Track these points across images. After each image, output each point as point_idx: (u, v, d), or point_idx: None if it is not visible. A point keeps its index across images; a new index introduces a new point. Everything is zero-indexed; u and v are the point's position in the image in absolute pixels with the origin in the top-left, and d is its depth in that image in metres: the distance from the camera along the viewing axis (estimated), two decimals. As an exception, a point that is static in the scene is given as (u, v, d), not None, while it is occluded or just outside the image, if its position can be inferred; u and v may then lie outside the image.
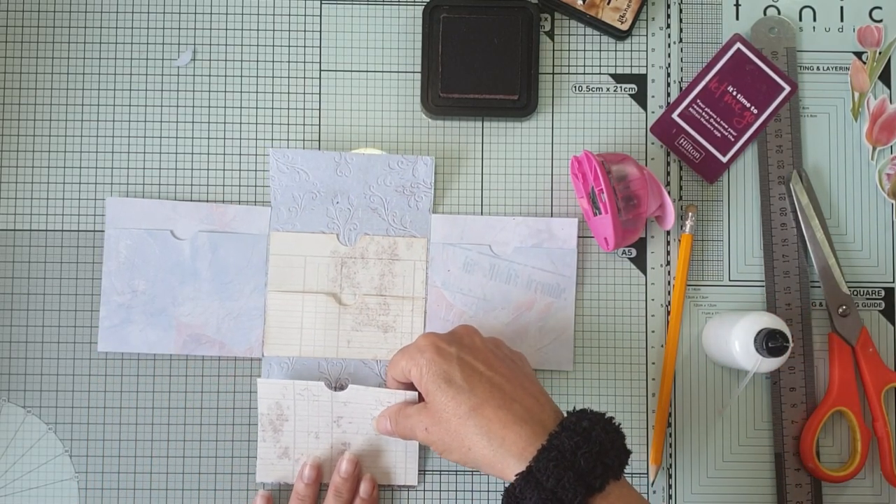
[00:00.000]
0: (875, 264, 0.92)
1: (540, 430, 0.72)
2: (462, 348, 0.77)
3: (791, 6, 0.94)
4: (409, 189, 0.91)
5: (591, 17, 0.91)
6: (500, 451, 0.71)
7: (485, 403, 0.73)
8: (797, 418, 0.89)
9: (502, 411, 0.73)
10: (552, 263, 0.90)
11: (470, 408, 0.73)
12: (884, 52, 0.93)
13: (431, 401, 0.76)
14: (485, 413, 0.73)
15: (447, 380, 0.75)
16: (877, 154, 0.92)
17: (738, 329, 0.83)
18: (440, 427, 0.75)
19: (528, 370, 0.81)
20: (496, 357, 0.78)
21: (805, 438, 0.88)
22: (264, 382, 0.87)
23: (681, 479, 0.90)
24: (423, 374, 0.76)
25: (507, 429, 0.72)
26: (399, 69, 0.93)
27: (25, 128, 0.91)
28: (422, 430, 0.77)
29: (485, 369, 0.76)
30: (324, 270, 0.90)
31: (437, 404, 0.75)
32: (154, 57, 0.92)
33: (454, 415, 0.74)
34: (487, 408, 0.73)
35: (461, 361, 0.76)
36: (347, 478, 0.86)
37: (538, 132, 0.92)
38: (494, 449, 0.71)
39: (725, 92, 0.91)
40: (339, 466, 0.86)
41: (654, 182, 0.86)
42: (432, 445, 0.76)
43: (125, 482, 0.89)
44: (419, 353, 0.77)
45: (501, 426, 0.72)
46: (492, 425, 0.72)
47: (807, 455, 0.88)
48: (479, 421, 0.72)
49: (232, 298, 0.89)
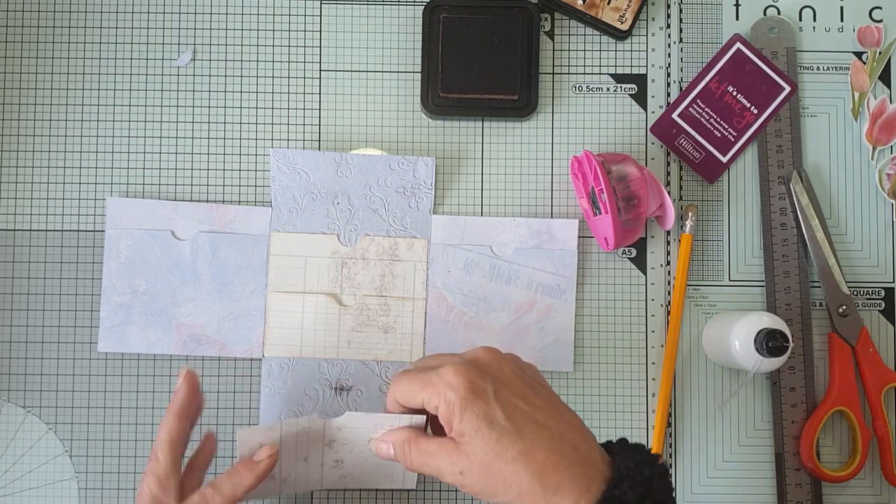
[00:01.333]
0: (875, 264, 0.92)
1: (594, 474, 0.67)
2: (497, 382, 0.69)
3: (791, 6, 0.94)
4: (410, 190, 0.91)
5: (591, 17, 0.91)
6: (553, 499, 0.65)
7: (535, 447, 0.66)
8: (797, 418, 0.89)
9: (555, 456, 0.66)
10: (552, 264, 0.90)
11: (519, 452, 0.66)
12: (884, 52, 0.93)
13: (469, 444, 0.67)
14: (536, 457, 0.66)
15: (489, 422, 0.66)
16: (877, 154, 0.92)
17: (738, 329, 0.83)
18: (481, 471, 0.66)
19: (553, 392, 0.73)
20: (529, 387, 0.70)
21: (805, 438, 0.88)
22: (245, 431, 0.77)
23: (681, 480, 0.90)
24: (454, 412, 0.67)
25: (561, 475, 0.66)
26: (399, 69, 0.93)
27: (25, 128, 0.91)
28: (454, 474, 0.68)
29: (524, 405, 0.68)
30: (324, 271, 0.90)
31: (477, 448, 0.66)
32: (154, 57, 0.92)
33: (499, 459, 0.66)
34: (539, 451, 0.66)
35: (499, 399, 0.68)
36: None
37: (538, 132, 0.92)
38: (548, 497, 0.65)
39: (725, 92, 0.91)
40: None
41: (655, 182, 0.86)
42: (465, 489, 0.68)
43: (125, 482, 0.89)
44: (449, 389, 0.67)
45: (555, 472, 0.66)
46: (546, 471, 0.66)
47: (807, 455, 0.88)
48: (530, 467, 0.66)
49: (232, 299, 0.89)
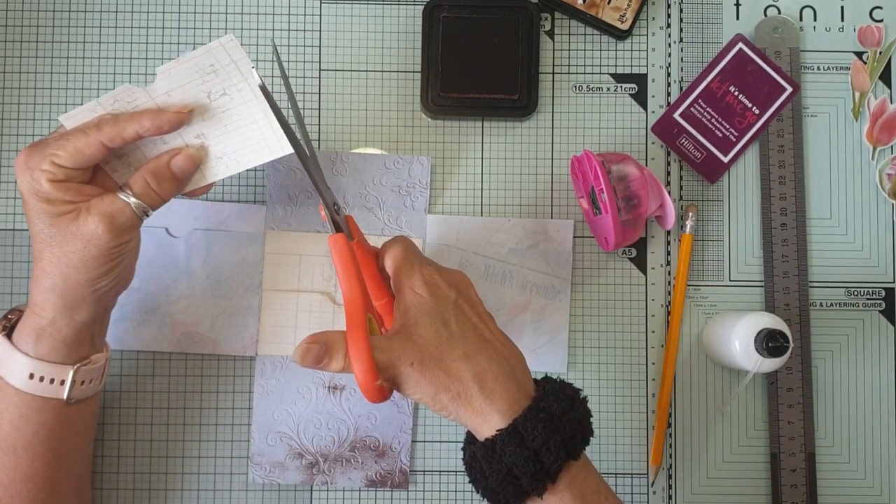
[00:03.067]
0: (875, 264, 0.92)
1: (525, 391, 0.71)
2: (461, 296, 0.74)
3: (791, 6, 0.93)
4: (406, 189, 0.90)
5: (592, 16, 0.91)
6: (486, 403, 0.69)
7: (478, 353, 0.71)
8: (794, 419, 0.89)
9: (495, 366, 0.71)
10: (547, 265, 0.90)
11: (465, 353, 0.71)
12: (884, 52, 0.92)
13: (422, 335, 0.71)
14: (479, 361, 0.70)
15: (444, 322, 0.72)
16: (877, 154, 0.92)
17: (738, 329, 0.83)
18: (430, 363, 0.70)
19: (505, 335, 0.77)
20: (488, 316, 0.76)
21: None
22: (68, 118, 0.74)
23: (681, 480, 0.90)
24: (413, 296, 0.73)
25: (498, 383, 0.70)
26: (399, 69, 0.93)
27: (25, 127, 0.91)
28: (405, 364, 0.70)
29: (478, 322, 0.74)
30: (318, 270, 0.90)
31: (428, 340, 0.71)
32: (154, 57, 0.92)
33: (447, 357, 0.70)
34: (481, 357, 0.71)
35: (457, 308, 0.73)
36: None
37: (538, 132, 0.92)
38: (483, 399, 0.69)
39: (727, 92, 0.91)
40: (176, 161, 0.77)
41: (655, 182, 0.86)
42: (414, 386, 0.71)
43: (125, 482, 0.89)
44: (419, 278, 0.74)
45: (493, 379, 0.70)
46: (485, 376, 0.70)
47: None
48: (472, 368, 0.70)
49: (226, 297, 0.89)
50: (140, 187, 0.74)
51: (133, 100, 0.74)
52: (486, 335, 0.73)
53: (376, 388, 0.69)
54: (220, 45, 0.72)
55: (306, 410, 0.89)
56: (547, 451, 0.67)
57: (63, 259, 0.72)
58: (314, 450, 0.89)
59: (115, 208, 0.73)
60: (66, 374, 0.76)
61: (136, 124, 0.72)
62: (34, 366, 0.75)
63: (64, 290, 0.73)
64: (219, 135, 0.77)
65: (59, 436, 0.78)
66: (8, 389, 0.75)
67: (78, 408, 0.78)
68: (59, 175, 0.71)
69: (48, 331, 0.74)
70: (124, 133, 0.72)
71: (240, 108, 0.76)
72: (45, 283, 0.73)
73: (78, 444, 0.80)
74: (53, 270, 0.73)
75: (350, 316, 0.70)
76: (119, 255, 0.74)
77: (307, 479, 0.89)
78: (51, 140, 0.73)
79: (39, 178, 0.71)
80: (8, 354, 0.75)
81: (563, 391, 0.71)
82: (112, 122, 0.72)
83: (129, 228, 0.74)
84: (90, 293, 0.74)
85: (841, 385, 0.91)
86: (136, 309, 0.89)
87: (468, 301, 0.75)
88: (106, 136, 0.72)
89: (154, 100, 0.74)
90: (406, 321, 0.72)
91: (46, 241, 0.73)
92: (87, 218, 0.72)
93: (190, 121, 0.76)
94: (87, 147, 0.71)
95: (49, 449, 0.77)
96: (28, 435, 0.76)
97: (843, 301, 0.92)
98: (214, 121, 0.76)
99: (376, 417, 0.90)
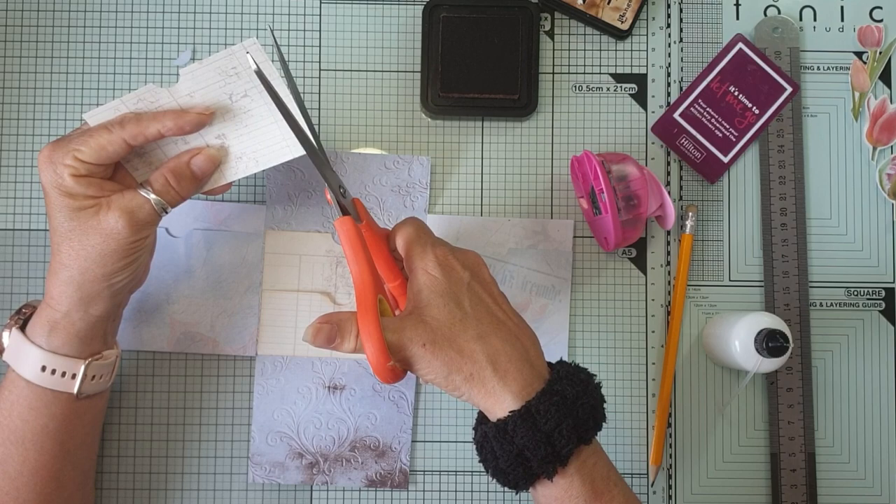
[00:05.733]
0: (875, 264, 0.92)
1: (539, 374, 0.71)
2: (475, 277, 0.74)
3: (791, 6, 0.93)
4: (405, 189, 0.90)
5: (592, 16, 0.91)
6: (499, 384, 0.69)
7: (492, 334, 0.71)
8: (794, 419, 0.89)
9: (509, 347, 0.71)
10: (547, 265, 0.90)
11: (478, 334, 0.71)
12: (884, 52, 0.92)
13: (435, 316, 0.71)
14: (492, 342, 0.71)
15: (456, 302, 0.72)
16: (877, 154, 0.92)
17: (738, 329, 0.83)
18: (444, 343, 0.70)
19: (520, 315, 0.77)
20: (501, 297, 0.76)
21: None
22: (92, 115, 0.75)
23: (681, 480, 0.90)
24: (426, 277, 0.73)
25: (512, 364, 0.70)
26: (399, 69, 0.93)
27: (25, 127, 0.91)
28: (418, 345, 0.70)
29: (491, 303, 0.74)
30: (318, 269, 0.90)
31: (441, 321, 0.71)
32: (154, 57, 0.92)
33: (460, 337, 0.70)
34: (495, 339, 0.71)
35: (471, 290, 0.73)
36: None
37: (538, 132, 0.92)
38: (497, 380, 0.70)
39: (727, 92, 0.91)
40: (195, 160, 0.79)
41: (655, 182, 0.86)
42: (427, 367, 0.71)
43: (125, 482, 0.89)
44: (431, 259, 0.73)
45: (507, 360, 0.70)
46: (499, 357, 0.70)
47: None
48: (486, 348, 0.70)
49: (226, 297, 0.89)
50: (160, 185, 0.76)
51: (156, 99, 0.76)
52: (500, 316, 0.73)
53: (388, 368, 0.69)
54: (242, 48, 0.74)
55: (306, 410, 0.89)
56: (559, 434, 0.68)
57: (82, 252, 0.74)
58: (314, 450, 0.89)
59: (135, 204, 0.74)
60: (77, 368, 0.76)
61: (159, 124, 0.74)
62: (46, 358, 0.75)
63: (81, 283, 0.74)
64: (239, 135, 0.79)
65: (68, 430, 0.78)
66: (19, 382, 0.76)
67: (87, 403, 0.79)
68: (82, 170, 0.73)
69: (62, 324, 0.75)
70: (147, 132, 0.74)
71: (261, 110, 0.77)
72: (63, 275, 0.74)
73: (85, 439, 0.81)
74: (71, 263, 0.74)
75: (360, 297, 0.71)
76: (136, 251, 0.76)
77: (307, 479, 0.89)
78: (74, 136, 0.74)
79: (62, 173, 0.72)
80: (21, 347, 0.76)
81: (577, 375, 0.71)
82: (135, 121, 0.74)
83: (148, 224, 0.76)
84: (106, 287, 0.75)
85: (841, 385, 0.91)
86: (136, 309, 0.89)
87: (481, 281, 0.75)
88: (129, 134, 0.73)
89: (177, 100, 0.76)
90: (419, 302, 0.72)
91: (66, 234, 0.74)
92: (108, 213, 0.73)
93: (211, 122, 0.77)
94: (110, 144, 0.73)
95: (57, 443, 0.77)
96: (37, 428, 0.76)
97: (843, 301, 0.92)
98: (235, 122, 0.78)
99: (376, 417, 0.90)
